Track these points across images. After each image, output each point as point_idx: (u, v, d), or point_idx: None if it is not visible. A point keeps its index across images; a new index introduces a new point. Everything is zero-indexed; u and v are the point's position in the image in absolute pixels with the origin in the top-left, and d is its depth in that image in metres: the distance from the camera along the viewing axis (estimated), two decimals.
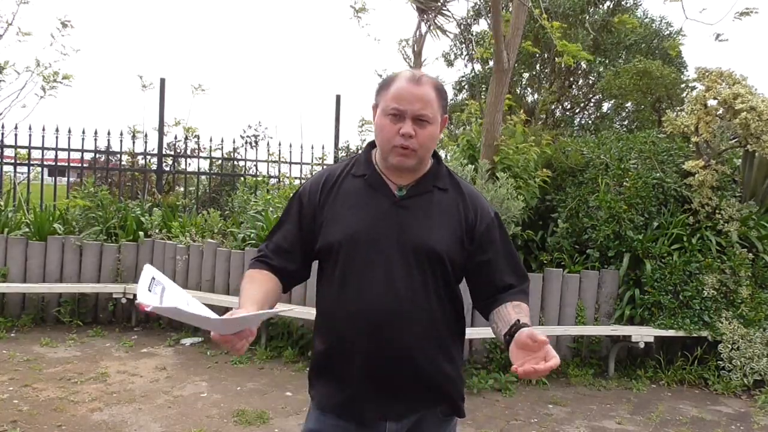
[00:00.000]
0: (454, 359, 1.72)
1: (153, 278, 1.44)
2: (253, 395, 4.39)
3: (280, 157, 8.79)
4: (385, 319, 1.61)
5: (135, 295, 5.91)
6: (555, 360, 1.35)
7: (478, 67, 12.50)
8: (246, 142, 9.11)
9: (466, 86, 12.76)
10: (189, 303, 1.44)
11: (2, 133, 7.47)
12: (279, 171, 8.87)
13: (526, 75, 12.38)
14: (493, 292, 1.71)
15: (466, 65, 12.94)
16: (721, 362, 5.05)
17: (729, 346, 5.03)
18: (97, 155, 8.27)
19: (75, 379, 4.50)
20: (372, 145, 1.74)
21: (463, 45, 12.33)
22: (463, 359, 1.81)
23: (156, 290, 1.43)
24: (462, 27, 11.91)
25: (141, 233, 6.32)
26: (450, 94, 13.27)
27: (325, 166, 5.13)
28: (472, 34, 11.83)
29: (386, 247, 1.62)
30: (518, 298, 1.69)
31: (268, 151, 8.84)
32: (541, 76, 12.38)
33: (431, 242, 1.63)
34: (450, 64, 12.72)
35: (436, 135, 1.66)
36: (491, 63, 11.78)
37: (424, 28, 9.06)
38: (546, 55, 11.22)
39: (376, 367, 1.62)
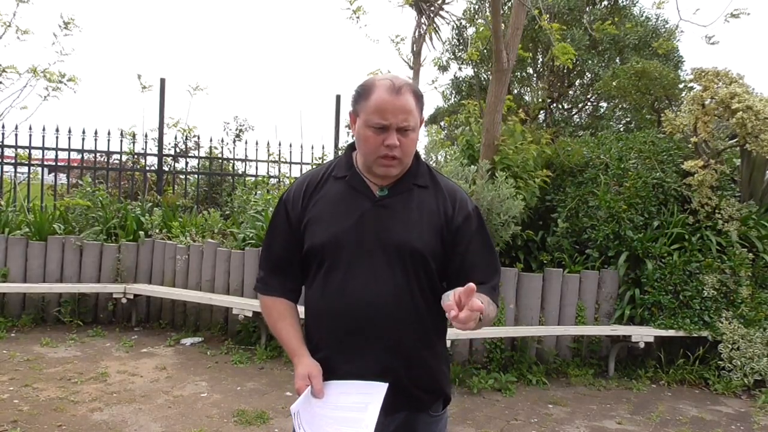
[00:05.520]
0: (438, 355, 1.75)
1: (297, 413, 1.59)
2: (253, 395, 4.39)
3: (280, 157, 8.79)
4: (369, 319, 1.63)
5: (135, 295, 5.93)
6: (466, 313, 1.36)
7: (473, 69, 12.52)
8: (235, 137, 9.19)
9: (464, 87, 12.76)
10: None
11: (2, 134, 7.47)
12: (279, 171, 8.87)
13: (521, 74, 12.39)
14: (462, 284, 1.71)
15: (460, 68, 12.95)
16: (721, 362, 5.06)
17: (729, 346, 5.04)
18: (98, 155, 8.27)
19: (75, 379, 4.50)
20: (352, 147, 1.76)
21: (458, 47, 12.34)
22: (447, 353, 1.84)
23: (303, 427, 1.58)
24: (458, 29, 11.92)
25: (141, 233, 6.32)
26: (445, 97, 13.33)
27: None
28: (468, 37, 11.84)
29: (368, 248, 1.64)
30: (483, 292, 1.65)
31: (268, 150, 8.84)
32: (539, 75, 12.39)
33: (413, 241, 1.64)
34: (444, 69, 12.70)
35: (417, 138, 1.69)
36: (486, 64, 11.86)
37: (423, 29, 9.06)
38: (543, 56, 11.23)
39: (362, 366, 1.64)
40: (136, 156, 8.54)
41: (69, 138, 7.64)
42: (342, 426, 1.54)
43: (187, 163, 9.20)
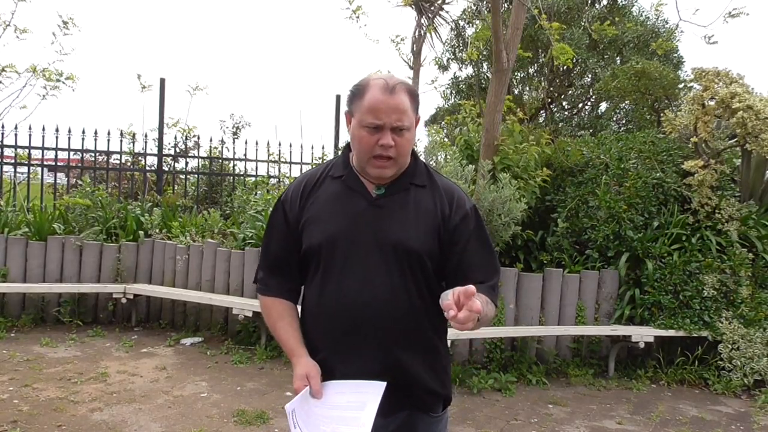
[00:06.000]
0: (438, 355, 1.74)
1: (293, 411, 1.58)
2: (253, 395, 4.39)
3: (280, 157, 8.79)
4: (366, 319, 1.62)
5: (135, 295, 5.93)
6: (465, 313, 1.33)
7: (472, 69, 12.52)
8: (232, 134, 9.22)
9: (464, 87, 12.75)
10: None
11: (2, 134, 7.46)
12: (279, 171, 8.87)
13: (521, 74, 12.40)
14: (461, 284, 1.68)
15: (460, 68, 12.95)
16: (721, 362, 5.06)
17: (729, 346, 5.04)
18: (97, 155, 8.27)
19: (75, 379, 4.50)
20: (349, 146, 1.75)
21: (458, 47, 12.34)
22: (448, 353, 1.82)
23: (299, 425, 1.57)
24: (458, 29, 11.92)
25: (141, 233, 6.32)
26: (444, 97, 13.33)
27: None
28: (467, 37, 11.84)
29: (365, 247, 1.63)
30: (481, 292, 1.62)
31: (268, 150, 8.84)
32: (539, 75, 12.40)
33: (409, 241, 1.63)
34: (444, 68, 12.69)
35: (413, 138, 1.67)
36: (485, 65, 11.86)
37: (423, 29, 9.07)
38: (543, 55, 11.23)
39: (360, 366, 1.64)
40: (135, 156, 8.54)
41: (69, 138, 7.64)
42: (339, 425, 1.54)
43: (187, 163, 9.21)
